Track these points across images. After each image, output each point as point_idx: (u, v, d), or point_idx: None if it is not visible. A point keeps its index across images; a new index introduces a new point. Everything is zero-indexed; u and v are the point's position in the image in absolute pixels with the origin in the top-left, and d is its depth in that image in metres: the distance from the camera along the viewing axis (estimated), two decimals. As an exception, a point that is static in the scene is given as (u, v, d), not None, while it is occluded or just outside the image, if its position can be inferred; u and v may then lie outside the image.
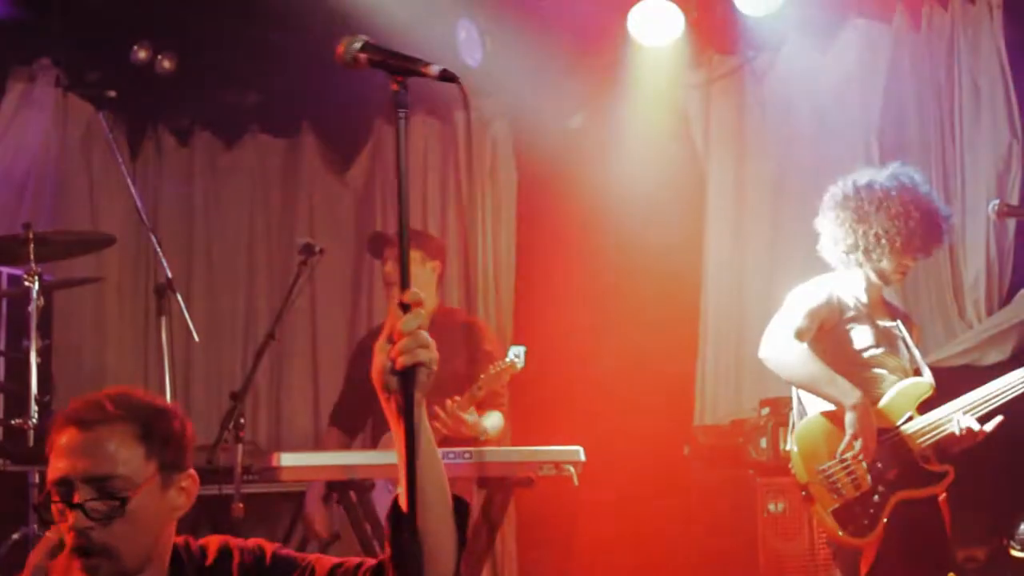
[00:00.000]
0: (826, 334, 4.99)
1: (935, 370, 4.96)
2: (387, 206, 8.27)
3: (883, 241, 4.90)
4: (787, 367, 4.93)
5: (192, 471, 2.77)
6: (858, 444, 4.74)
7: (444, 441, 5.81)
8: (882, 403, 4.89)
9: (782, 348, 4.91)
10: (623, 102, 7.84)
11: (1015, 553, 5.71)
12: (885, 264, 4.97)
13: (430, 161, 8.35)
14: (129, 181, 6.08)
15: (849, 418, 4.76)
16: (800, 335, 4.92)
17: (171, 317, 5.86)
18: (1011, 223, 6.56)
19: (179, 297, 5.86)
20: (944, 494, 4.91)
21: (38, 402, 5.69)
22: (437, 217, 8.26)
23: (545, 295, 8.20)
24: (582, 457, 5.52)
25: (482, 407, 5.90)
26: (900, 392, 4.91)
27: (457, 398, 5.86)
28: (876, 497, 4.78)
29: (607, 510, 7.30)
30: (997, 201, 5.23)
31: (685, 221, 7.78)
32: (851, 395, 4.78)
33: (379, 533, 5.22)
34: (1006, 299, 6.59)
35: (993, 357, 6.48)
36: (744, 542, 6.10)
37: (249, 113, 8.51)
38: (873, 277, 5.03)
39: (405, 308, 2.43)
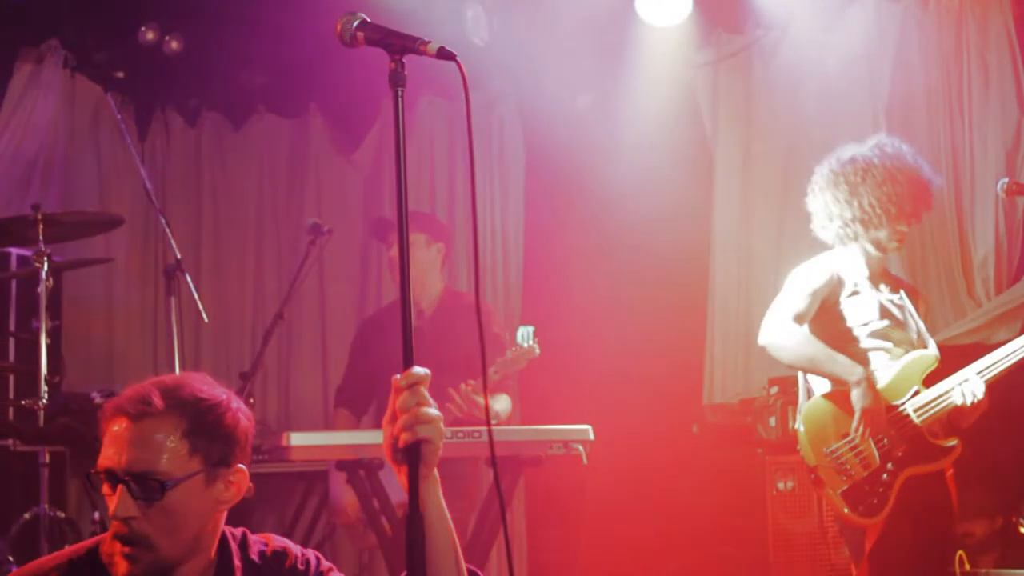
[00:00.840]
0: (828, 310, 4.99)
1: (943, 348, 4.95)
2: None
3: (877, 210, 4.90)
4: (786, 351, 4.94)
5: (241, 466, 2.79)
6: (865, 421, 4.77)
7: (455, 422, 5.83)
8: (888, 378, 4.88)
9: (780, 333, 4.93)
10: (631, 82, 7.83)
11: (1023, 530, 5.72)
12: (881, 234, 4.97)
13: (437, 142, 8.35)
14: (138, 162, 6.10)
15: (855, 395, 4.77)
16: (799, 318, 4.94)
17: (180, 297, 5.88)
18: (1020, 201, 6.55)
19: (188, 278, 5.87)
20: (951, 470, 4.90)
21: (48, 382, 5.71)
22: (445, 197, 8.25)
23: (553, 275, 8.20)
24: (591, 436, 5.53)
25: (492, 390, 5.91)
26: (906, 366, 4.89)
27: (471, 382, 5.87)
28: (885, 476, 4.77)
29: (616, 489, 7.31)
30: (1006, 179, 5.22)
31: (693, 200, 7.77)
32: (854, 372, 4.79)
33: (388, 511, 5.24)
34: (1015, 277, 6.58)
35: (1002, 335, 6.47)
36: (753, 520, 6.11)
37: (257, 94, 8.50)
38: (871, 249, 5.02)
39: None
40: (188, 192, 8.34)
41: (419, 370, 2.47)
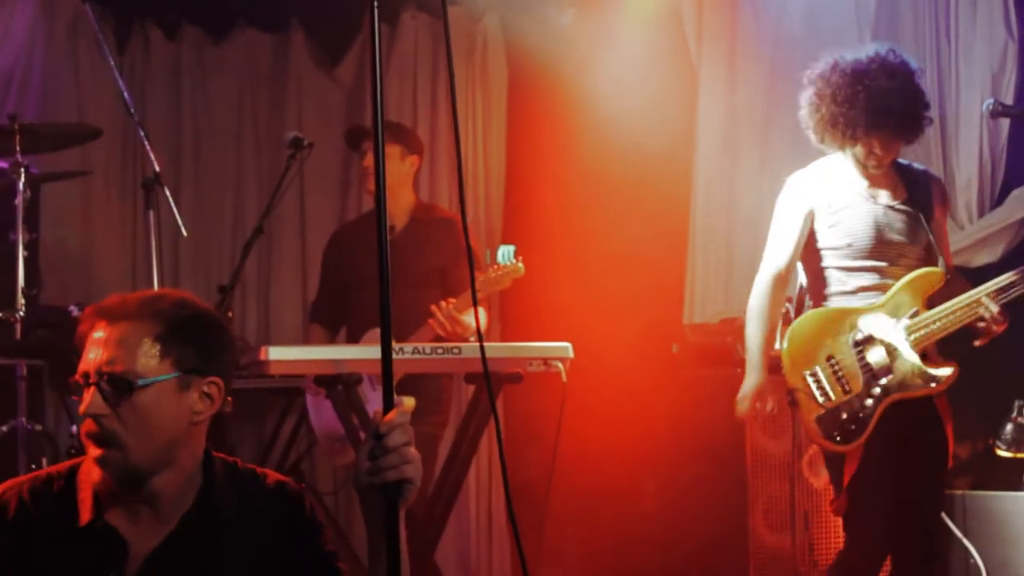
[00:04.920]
0: (814, 238, 4.95)
1: (926, 271, 4.92)
2: (377, 102, 8.19)
3: (838, 126, 4.77)
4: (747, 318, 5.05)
5: (217, 379, 2.79)
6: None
7: (435, 339, 5.83)
8: (881, 300, 4.78)
9: (752, 299, 5.04)
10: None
11: (1001, 452, 5.75)
12: (856, 150, 4.84)
13: (420, 57, 8.28)
14: (116, 74, 6.01)
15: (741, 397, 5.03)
16: (780, 277, 4.98)
17: (159, 211, 5.84)
18: (1004, 124, 6.53)
19: (167, 191, 5.83)
20: (944, 399, 4.82)
21: (25, 295, 5.70)
22: (427, 114, 8.19)
23: (534, 193, 8.17)
24: (570, 353, 5.55)
25: (468, 305, 5.90)
26: (903, 287, 4.78)
27: (453, 300, 5.87)
28: (868, 400, 4.70)
29: (594, 408, 7.32)
30: (992, 101, 5.18)
31: (676, 119, 7.73)
32: (746, 381, 5.01)
33: (366, 425, 5.24)
34: (998, 200, 6.58)
35: (983, 259, 6.49)
36: (731, 440, 6.12)
37: (237, 8, 8.41)
38: (861, 156, 4.87)
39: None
40: (168, 106, 8.26)
41: (408, 405, 2.47)
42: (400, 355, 5.23)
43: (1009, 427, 5.69)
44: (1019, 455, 5.65)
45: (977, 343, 4.79)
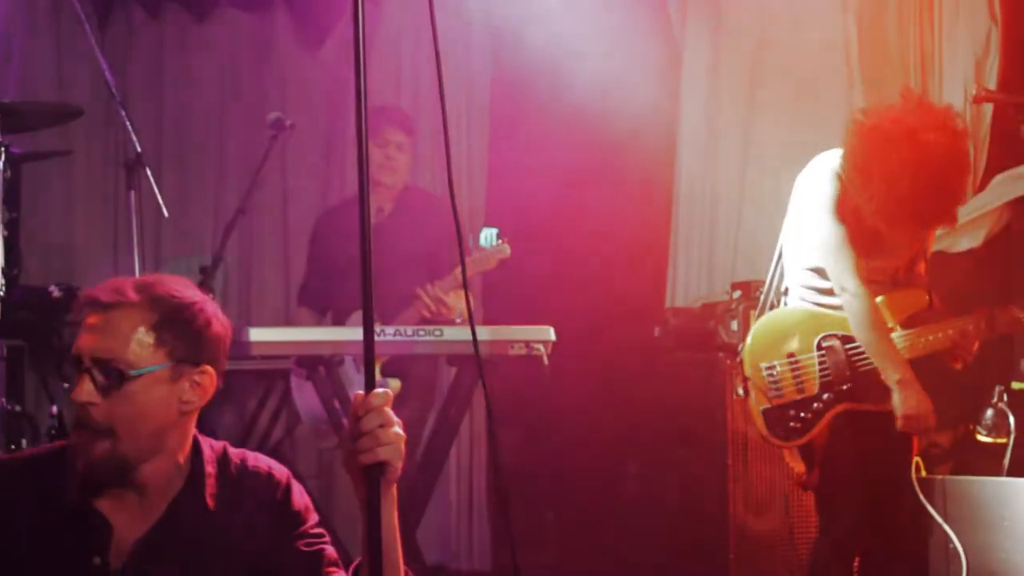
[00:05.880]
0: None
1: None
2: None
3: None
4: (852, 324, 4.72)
5: (209, 368, 2.80)
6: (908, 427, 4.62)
7: (423, 321, 5.83)
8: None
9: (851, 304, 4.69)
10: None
11: (981, 437, 5.76)
12: None
13: (404, 36, 8.25)
14: (98, 52, 5.97)
15: (895, 399, 4.59)
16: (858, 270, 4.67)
17: (140, 191, 5.81)
18: (987, 109, 6.53)
19: (148, 171, 5.80)
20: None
21: (5, 275, 5.65)
22: (410, 95, 8.17)
23: (517, 175, 8.15)
24: (552, 336, 5.56)
25: (456, 289, 5.91)
26: (884, 302, 4.74)
27: (439, 282, 5.88)
28: (816, 404, 4.71)
29: (576, 391, 7.32)
30: (975, 86, 5.17)
31: (660, 99, 7.70)
32: (895, 371, 4.60)
33: (347, 409, 5.24)
34: (980, 186, 6.58)
35: (965, 244, 6.48)
36: (712, 424, 6.12)
37: (219, -14, 8.39)
38: None
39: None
40: (149, 85, 8.24)
41: (383, 391, 2.46)
42: (381, 337, 5.23)
43: (990, 412, 5.70)
44: (1000, 440, 5.66)
45: (954, 365, 4.81)
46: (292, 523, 2.85)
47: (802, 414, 4.71)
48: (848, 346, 4.74)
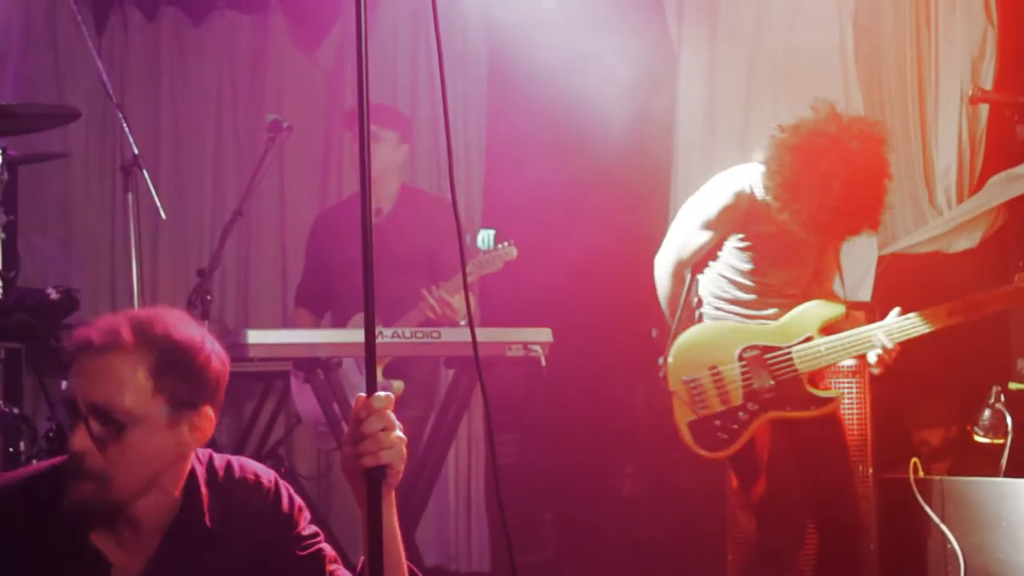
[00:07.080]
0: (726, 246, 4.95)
1: (904, 257, 4.94)
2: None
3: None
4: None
5: (208, 409, 2.71)
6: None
7: (425, 323, 5.83)
8: (780, 321, 4.82)
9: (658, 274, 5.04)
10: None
11: (978, 438, 5.77)
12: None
13: (401, 37, 8.24)
14: (95, 54, 5.97)
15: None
16: (681, 263, 5.00)
17: (137, 194, 5.80)
18: (984, 109, 6.54)
19: (146, 174, 5.80)
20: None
21: (3, 278, 5.65)
22: (407, 95, 8.17)
23: (514, 178, 8.15)
24: (550, 338, 5.56)
25: (458, 291, 5.91)
26: (802, 312, 4.83)
27: (443, 283, 5.88)
28: (742, 414, 4.76)
29: (574, 392, 7.33)
30: (972, 86, 5.19)
31: (657, 105, 7.71)
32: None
33: (347, 412, 5.24)
34: (977, 186, 6.59)
35: (962, 244, 6.49)
36: (710, 425, 6.12)
37: (217, -11, 8.38)
38: None
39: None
40: (146, 88, 8.22)
41: (384, 394, 2.45)
42: (380, 338, 5.23)
43: (987, 413, 5.72)
44: (996, 441, 5.68)
45: (873, 370, 4.83)
46: (286, 529, 2.83)
47: (730, 425, 4.74)
48: (768, 356, 4.79)
